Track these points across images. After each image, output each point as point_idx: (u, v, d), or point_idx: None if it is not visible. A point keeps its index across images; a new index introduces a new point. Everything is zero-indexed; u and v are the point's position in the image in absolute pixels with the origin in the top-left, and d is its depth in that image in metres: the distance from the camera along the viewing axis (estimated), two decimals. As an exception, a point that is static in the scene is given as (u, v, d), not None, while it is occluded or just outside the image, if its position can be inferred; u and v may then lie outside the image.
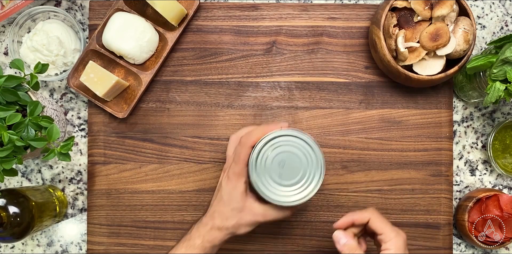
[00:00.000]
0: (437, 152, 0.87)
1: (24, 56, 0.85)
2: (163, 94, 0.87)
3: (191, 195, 0.87)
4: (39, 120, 0.72)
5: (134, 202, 0.86)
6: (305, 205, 0.87)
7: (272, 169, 0.69)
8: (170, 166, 0.87)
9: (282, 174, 0.69)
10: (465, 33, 0.80)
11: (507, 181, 0.89)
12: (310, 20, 0.88)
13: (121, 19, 0.83)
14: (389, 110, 0.87)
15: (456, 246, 0.88)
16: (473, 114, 0.89)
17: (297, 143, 0.69)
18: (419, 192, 0.87)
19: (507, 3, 0.90)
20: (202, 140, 0.87)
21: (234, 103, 0.87)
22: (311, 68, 0.87)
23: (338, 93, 0.87)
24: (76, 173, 0.88)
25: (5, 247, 0.87)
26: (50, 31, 0.84)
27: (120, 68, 0.86)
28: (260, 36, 0.88)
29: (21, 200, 0.77)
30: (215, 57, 0.88)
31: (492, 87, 0.76)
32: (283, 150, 0.69)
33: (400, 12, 0.82)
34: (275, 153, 0.69)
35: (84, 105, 0.89)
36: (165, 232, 0.86)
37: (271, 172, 0.69)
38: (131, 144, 0.87)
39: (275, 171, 0.69)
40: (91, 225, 0.86)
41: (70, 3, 0.89)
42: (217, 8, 0.88)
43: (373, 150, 0.87)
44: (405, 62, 0.81)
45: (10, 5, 0.85)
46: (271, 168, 0.69)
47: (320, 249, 0.86)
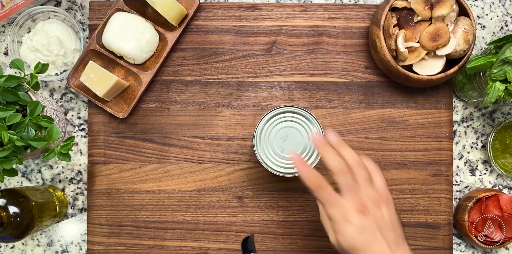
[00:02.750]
0: (437, 152, 0.87)
1: (24, 56, 0.85)
2: (163, 94, 0.87)
3: (191, 195, 0.87)
4: (39, 120, 0.72)
5: (134, 202, 0.86)
6: (305, 205, 0.87)
7: (275, 143, 0.74)
8: (170, 166, 0.87)
9: (284, 148, 0.74)
10: (465, 33, 0.80)
11: (507, 181, 0.89)
12: (310, 20, 0.88)
13: (121, 19, 0.83)
14: (389, 110, 0.87)
15: (456, 246, 0.88)
16: (473, 114, 0.89)
17: (299, 119, 0.74)
18: (419, 192, 0.87)
19: (507, 3, 0.90)
20: (202, 140, 0.87)
21: (234, 103, 0.87)
22: (311, 68, 0.87)
23: (338, 93, 0.87)
24: (76, 173, 0.88)
25: (5, 247, 0.87)
26: (50, 31, 0.84)
27: (120, 68, 0.86)
28: (260, 36, 0.88)
29: (21, 200, 0.77)
30: (215, 57, 0.88)
31: (492, 87, 0.76)
32: (286, 125, 0.74)
33: (400, 12, 0.82)
34: (278, 128, 0.74)
35: (84, 105, 0.89)
36: (165, 232, 0.86)
37: (273, 145, 0.74)
38: (131, 144, 0.87)
39: (277, 144, 0.74)
40: (91, 225, 0.86)
41: (70, 3, 0.89)
42: (217, 8, 0.88)
43: (373, 150, 0.87)
44: (405, 62, 0.81)
45: (10, 5, 0.85)
46: (274, 142, 0.74)
47: (320, 249, 0.86)
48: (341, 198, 0.66)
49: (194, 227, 0.86)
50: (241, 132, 0.87)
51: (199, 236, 0.86)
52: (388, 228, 0.67)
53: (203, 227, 0.86)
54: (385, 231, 0.66)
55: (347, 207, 0.66)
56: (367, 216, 0.66)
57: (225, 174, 0.87)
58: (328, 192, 0.66)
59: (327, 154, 0.67)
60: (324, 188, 0.66)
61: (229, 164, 0.87)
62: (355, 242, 0.65)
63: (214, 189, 0.87)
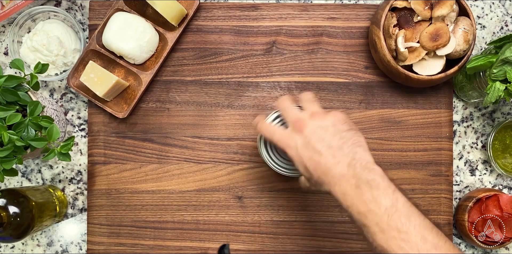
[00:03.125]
0: (437, 152, 0.87)
1: (24, 56, 0.85)
2: (163, 94, 0.87)
3: (191, 195, 0.87)
4: (39, 120, 0.72)
5: (134, 202, 0.86)
6: (305, 205, 0.87)
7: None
8: (170, 166, 0.87)
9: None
10: (465, 33, 0.80)
11: (507, 181, 0.89)
12: (310, 20, 0.88)
13: (121, 19, 0.83)
14: (389, 110, 0.87)
15: (456, 246, 0.88)
16: (473, 114, 0.89)
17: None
18: (419, 192, 0.87)
19: (507, 3, 0.90)
20: (202, 140, 0.87)
21: (234, 103, 0.87)
22: (311, 68, 0.87)
23: (338, 93, 0.87)
24: (76, 173, 0.88)
25: (5, 247, 0.87)
26: (50, 31, 0.84)
27: (120, 68, 0.86)
28: (260, 36, 0.88)
29: (21, 200, 0.77)
30: (215, 57, 0.88)
31: (492, 87, 0.76)
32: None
33: (400, 12, 0.82)
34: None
35: (84, 105, 0.89)
36: (165, 232, 0.86)
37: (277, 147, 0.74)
38: (131, 144, 0.87)
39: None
40: (91, 225, 0.86)
41: (70, 3, 0.89)
42: (217, 8, 0.88)
43: (373, 150, 0.87)
44: (405, 62, 0.81)
45: (10, 5, 0.85)
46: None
47: (320, 249, 0.86)
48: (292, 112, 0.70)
49: (194, 227, 0.86)
50: (241, 132, 0.87)
51: (199, 236, 0.86)
52: (331, 135, 0.66)
53: (203, 227, 0.86)
54: (327, 138, 0.65)
55: (295, 114, 0.69)
56: (304, 130, 0.67)
57: (225, 174, 0.87)
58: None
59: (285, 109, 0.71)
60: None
61: (229, 164, 0.87)
62: (302, 158, 0.66)
63: (214, 189, 0.87)
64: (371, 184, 0.61)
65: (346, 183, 0.63)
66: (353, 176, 0.62)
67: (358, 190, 0.62)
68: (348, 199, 0.62)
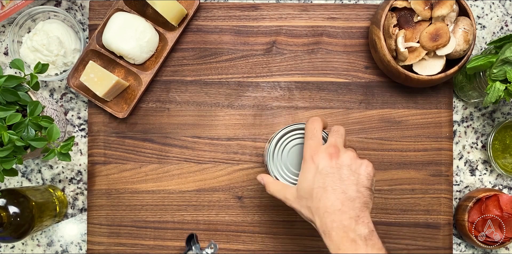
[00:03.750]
0: (437, 152, 0.87)
1: (24, 56, 0.85)
2: (163, 94, 0.87)
3: (191, 195, 0.87)
4: (39, 120, 0.72)
5: (134, 202, 0.86)
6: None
7: (288, 159, 0.73)
8: (170, 166, 0.87)
9: (298, 164, 0.73)
10: (465, 33, 0.80)
11: (507, 181, 0.89)
12: (310, 20, 0.88)
13: (121, 19, 0.83)
14: (389, 110, 0.87)
15: (456, 246, 0.88)
16: (473, 114, 0.89)
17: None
18: (419, 192, 0.87)
19: (507, 3, 0.90)
20: (202, 140, 0.87)
21: (234, 103, 0.87)
22: (311, 68, 0.87)
23: (338, 93, 0.87)
24: (76, 173, 0.88)
25: (5, 247, 0.87)
26: (50, 31, 0.84)
27: (120, 68, 0.86)
28: (260, 36, 0.88)
29: (21, 200, 0.77)
30: (215, 57, 0.88)
31: (492, 87, 0.76)
32: (299, 142, 0.73)
33: (400, 12, 0.82)
34: (291, 145, 0.73)
35: (84, 105, 0.89)
36: (165, 232, 0.86)
37: (286, 162, 0.73)
38: (131, 144, 0.87)
39: (290, 161, 0.73)
40: (91, 225, 0.86)
41: (70, 3, 0.89)
42: (217, 8, 0.88)
43: (373, 150, 0.87)
44: (405, 62, 0.81)
45: (10, 5, 0.85)
46: (287, 158, 0.73)
47: (320, 249, 0.86)
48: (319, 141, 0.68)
49: (194, 227, 0.86)
50: (241, 132, 0.87)
51: (199, 236, 0.86)
52: (352, 182, 0.65)
53: (203, 227, 0.86)
54: (347, 182, 0.65)
55: (318, 146, 0.67)
56: (333, 160, 0.66)
57: (225, 174, 0.87)
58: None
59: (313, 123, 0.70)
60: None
61: (229, 164, 0.87)
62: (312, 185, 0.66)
63: (214, 189, 0.87)
64: (367, 243, 0.63)
65: (343, 234, 0.64)
66: (353, 230, 0.63)
67: (354, 243, 0.63)
68: (341, 248, 0.63)
